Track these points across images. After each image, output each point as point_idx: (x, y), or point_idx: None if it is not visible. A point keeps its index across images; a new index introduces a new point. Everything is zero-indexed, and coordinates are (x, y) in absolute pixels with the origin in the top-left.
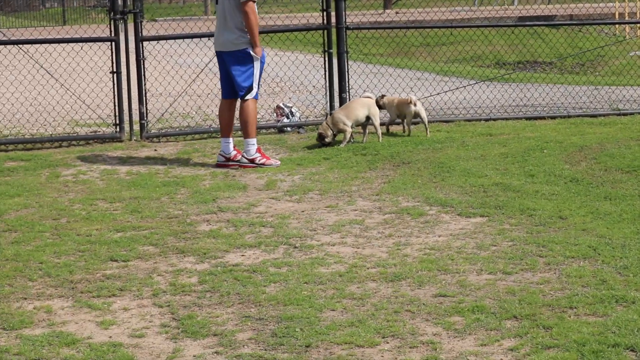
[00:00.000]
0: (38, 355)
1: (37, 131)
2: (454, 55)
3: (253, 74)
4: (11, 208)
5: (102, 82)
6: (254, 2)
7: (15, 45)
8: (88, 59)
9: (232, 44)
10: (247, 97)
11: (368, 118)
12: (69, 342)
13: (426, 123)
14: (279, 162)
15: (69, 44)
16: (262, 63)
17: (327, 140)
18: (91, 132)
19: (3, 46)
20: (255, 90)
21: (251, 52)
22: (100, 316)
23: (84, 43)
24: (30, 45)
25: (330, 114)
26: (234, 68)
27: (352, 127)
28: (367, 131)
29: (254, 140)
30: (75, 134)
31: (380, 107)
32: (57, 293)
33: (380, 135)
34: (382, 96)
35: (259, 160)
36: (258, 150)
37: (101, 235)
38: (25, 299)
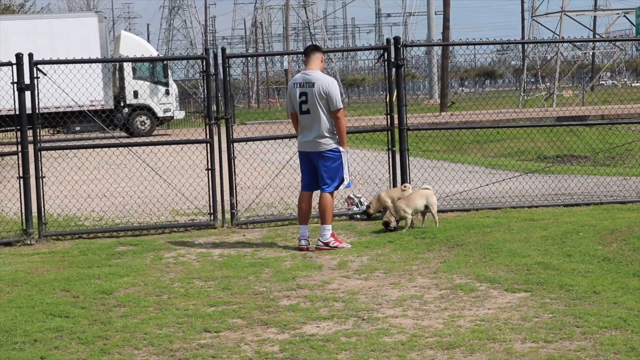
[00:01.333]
0: None
1: (144, 220)
2: (500, 151)
3: (342, 168)
4: (121, 286)
5: (199, 178)
6: (342, 108)
7: (127, 147)
8: (187, 157)
9: (323, 145)
10: (333, 189)
11: (426, 207)
12: None
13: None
14: (350, 246)
15: (171, 145)
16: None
17: (391, 226)
18: (189, 221)
19: (116, 148)
20: (347, 180)
21: (341, 149)
22: None
23: (183, 144)
24: (139, 147)
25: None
26: (323, 166)
27: (412, 215)
28: (425, 217)
29: (329, 227)
30: (175, 222)
31: None
32: None
33: (437, 220)
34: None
35: (333, 244)
36: (332, 235)
37: (197, 309)
38: None
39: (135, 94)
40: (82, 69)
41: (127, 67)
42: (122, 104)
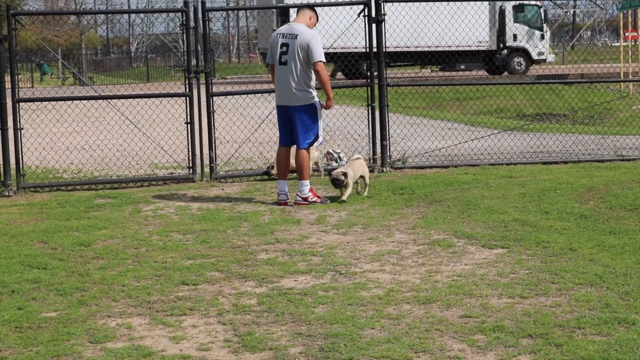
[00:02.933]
0: None
1: (123, 173)
2: (480, 108)
3: (318, 124)
4: (99, 239)
5: (178, 131)
6: (324, 62)
7: (106, 100)
8: (166, 111)
9: (301, 99)
10: (308, 145)
11: (362, 176)
12: (146, 354)
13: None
14: (328, 201)
15: (150, 98)
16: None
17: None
18: (168, 174)
19: (95, 101)
20: (321, 137)
21: (319, 104)
22: (173, 332)
23: (163, 98)
24: (117, 99)
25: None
26: (300, 120)
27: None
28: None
29: (307, 182)
30: (154, 175)
31: None
32: (136, 312)
33: (368, 190)
34: None
35: (312, 199)
36: (311, 190)
37: (175, 262)
38: (109, 316)
39: (514, 37)
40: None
41: (509, 13)
42: (501, 46)
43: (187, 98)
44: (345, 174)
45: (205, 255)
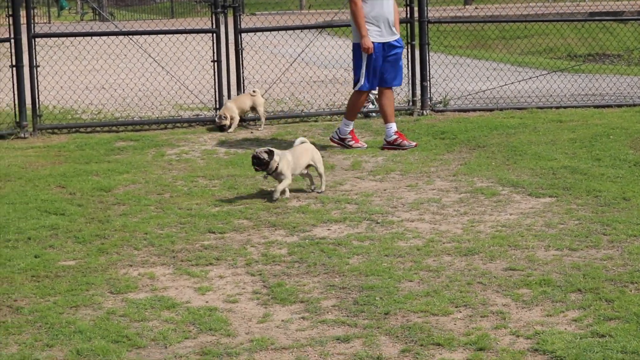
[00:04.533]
0: (141, 317)
1: (145, 114)
2: (527, 48)
3: (361, 65)
4: (120, 183)
5: (204, 70)
6: None
7: (127, 36)
8: (192, 48)
9: (354, 36)
10: (355, 88)
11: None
12: (170, 306)
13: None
14: (366, 145)
15: (175, 35)
16: (373, 55)
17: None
18: (193, 116)
19: (116, 37)
20: (361, 82)
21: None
22: (198, 283)
23: (188, 34)
24: (139, 36)
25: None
26: (401, 55)
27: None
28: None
29: (348, 122)
30: (179, 117)
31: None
32: (159, 261)
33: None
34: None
35: (349, 142)
36: (351, 132)
37: (200, 209)
38: (131, 266)
39: None
40: None
41: None
42: None
43: (214, 34)
44: (270, 153)
45: (232, 201)
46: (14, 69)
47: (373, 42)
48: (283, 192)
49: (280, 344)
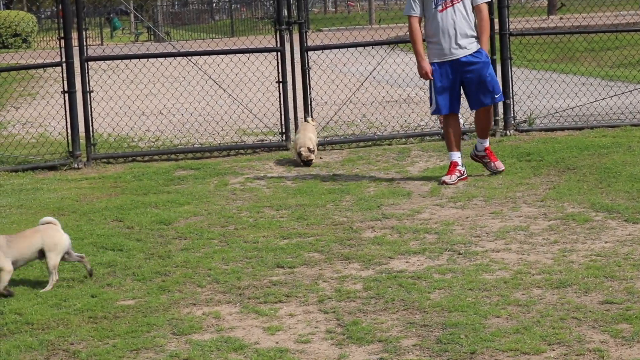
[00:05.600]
0: None
1: (206, 140)
2: (619, 60)
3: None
4: (181, 216)
5: (269, 92)
6: (409, 15)
7: (185, 57)
8: (255, 69)
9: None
10: (430, 113)
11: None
12: (237, 348)
13: None
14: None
15: (236, 54)
16: (437, 79)
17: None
18: (258, 141)
19: (173, 58)
20: (432, 106)
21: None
22: (267, 322)
23: (250, 53)
24: (199, 56)
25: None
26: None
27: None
28: None
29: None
30: (242, 143)
31: None
32: (225, 299)
33: None
34: None
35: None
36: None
37: (268, 242)
38: (195, 304)
39: None
40: None
41: None
42: None
43: (279, 53)
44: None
45: (302, 233)
46: (66, 94)
47: (433, 64)
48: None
49: None
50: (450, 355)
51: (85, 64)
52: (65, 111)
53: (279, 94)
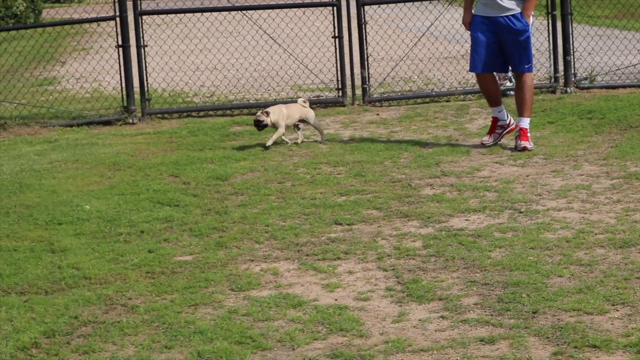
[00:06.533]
0: (266, 317)
1: (262, 96)
2: None
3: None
4: (237, 172)
5: (324, 47)
6: None
7: (240, 12)
8: (310, 24)
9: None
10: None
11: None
12: (296, 304)
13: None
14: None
15: (292, 9)
16: (475, 32)
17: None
18: (314, 97)
19: (228, 13)
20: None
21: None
22: (326, 279)
23: (306, 8)
24: (254, 11)
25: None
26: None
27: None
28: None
29: (494, 109)
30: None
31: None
32: (283, 255)
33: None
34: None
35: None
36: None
37: (325, 198)
38: (253, 261)
39: None
40: None
41: None
42: None
43: (335, 8)
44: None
45: (360, 190)
46: (120, 49)
47: (476, 16)
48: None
49: (418, 346)
50: (512, 314)
51: (140, 17)
52: (120, 66)
53: (335, 49)
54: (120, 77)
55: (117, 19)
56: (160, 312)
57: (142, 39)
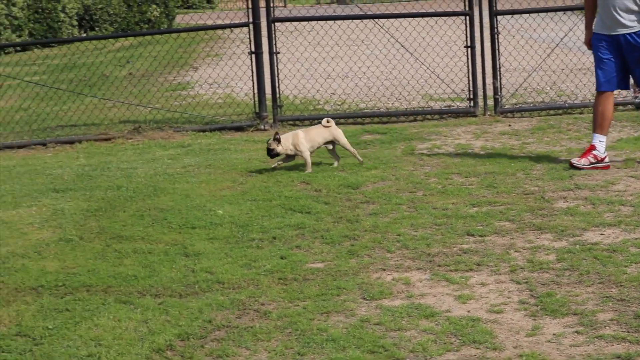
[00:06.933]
0: (398, 326)
1: (392, 105)
2: None
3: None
4: (368, 180)
5: (456, 57)
6: None
7: (372, 20)
8: (442, 33)
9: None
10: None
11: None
12: (428, 315)
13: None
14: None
15: (424, 18)
16: (598, 50)
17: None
18: (445, 107)
19: (360, 21)
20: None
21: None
22: (458, 290)
23: (438, 17)
24: (385, 19)
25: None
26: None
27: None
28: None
29: (600, 136)
30: (429, 108)
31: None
32: (414, 265)
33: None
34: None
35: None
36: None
37: (457, 209)
38: (384, 270)
39: None
40: None
41: None
42: None
43: (467, 17)
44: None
45: (492, 201)
46: (253, 55)
47: (596, 34)
48: None
49: None
50: None
51: (272, 24)
52: (252, 72)
53: (467, 59)
54: (253, 83)
55: (251, 25)
56: (293, 318)
57: (274, 46)
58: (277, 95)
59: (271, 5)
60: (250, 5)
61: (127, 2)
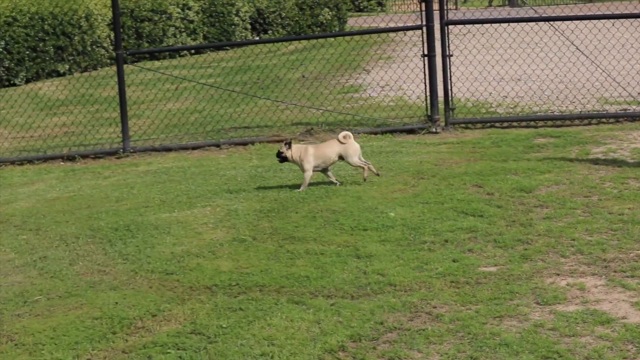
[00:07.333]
0: (572, 332)
1: (566, 108)
2: None
3: None
4: (541, 184)
5: (633, 59)
6: None
7: (546, 23)
8: (619, 35)
9: None
10: None
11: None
12: (604, 321)
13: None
14: None
15: (600, 20)
16: None
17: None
18: (621, 110)
19: (535, 24)
20: None
21: None
22: (635, 297)
23: (615, 20)
24: (560, 22)
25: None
26: None
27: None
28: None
29: None
30: (604, 112)
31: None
32: (589, 271)
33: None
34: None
35: None
36: None
37: (634, 214)
38: (558, 275)
39: None
40: None
41: None
42: None
43: None
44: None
45: None
46: (426, 58)
47: None
48: None
49: None
50: None
51: (446, 27)
52: (425, 75)
53: None
54: (425, 86)
55: (424, 28)
56: (465, 322)
57: (447, 49)
58: (450, 98)
59: (445, 8)
60: (424, 8)
61: (300, 6)
